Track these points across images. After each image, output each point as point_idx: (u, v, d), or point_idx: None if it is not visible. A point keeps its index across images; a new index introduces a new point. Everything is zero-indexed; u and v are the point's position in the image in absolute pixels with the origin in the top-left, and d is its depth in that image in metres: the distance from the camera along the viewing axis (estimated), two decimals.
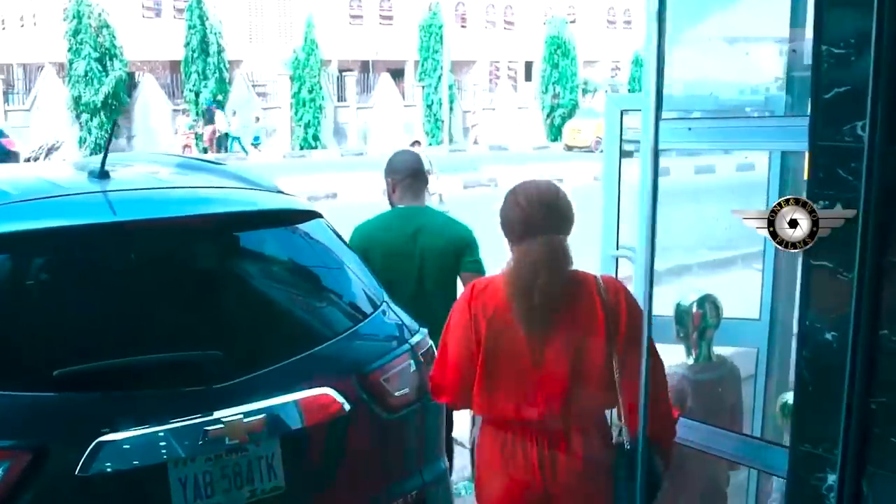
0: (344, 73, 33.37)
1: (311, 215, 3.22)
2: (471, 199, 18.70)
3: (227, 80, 29.08)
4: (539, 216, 2.65)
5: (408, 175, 3.88)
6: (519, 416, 2.64)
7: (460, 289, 3.73)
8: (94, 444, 2.37)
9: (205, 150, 27.28)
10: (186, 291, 2.83)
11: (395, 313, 3.22)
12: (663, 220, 2.65)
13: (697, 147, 3.07)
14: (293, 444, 2.70)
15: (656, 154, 3.06)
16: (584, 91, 37.10)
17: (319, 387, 2.77)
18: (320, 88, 30.54)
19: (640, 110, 3.29)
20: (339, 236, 3.31)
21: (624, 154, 3.68)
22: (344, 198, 17.86)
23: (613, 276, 3.25)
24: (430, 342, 3.30)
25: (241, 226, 3.05)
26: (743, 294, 3.98)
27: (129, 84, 27.44)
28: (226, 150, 27.50)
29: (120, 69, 26.34)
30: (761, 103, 3.88)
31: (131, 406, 2.49)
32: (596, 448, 2.67)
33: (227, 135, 28.03)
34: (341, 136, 31.92)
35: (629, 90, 34.07)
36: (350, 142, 32.03)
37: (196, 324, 2.73)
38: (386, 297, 3.27)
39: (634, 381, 2.55)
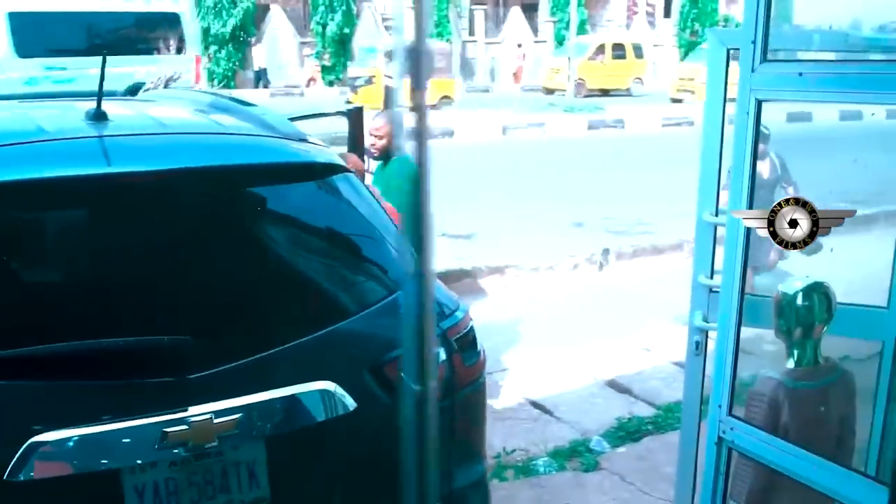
0: (474, 8, 32.57)
1: (336, 169, 2.72)
2: (596, 140, 17.95)
3: (354, 13, 28.73)
4: None
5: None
6: None
7: None
8: (27, 444, 1.98)
9: (330, 84, 27.12)
10: (172, 260, 2.37)
11: None
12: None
13: (809, 100, 2.39)
14: (282, 449, 2.26)
15: (759, 106, 2.43)
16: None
17: (320, 379, 2.31)
18: (447, 22, 29.89)
19: None
20: (370, 195, 2.81)
21: None
22: (461, 137, 17.26)
23: (711, 244, 3.18)
24: (471, 323, 2.77)
25: (249, 180, 2.58)
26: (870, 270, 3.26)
27: (256, 16, 27.40)
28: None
29: (248, 0, 26.25)
30: None
31: (76, 400, 2.07)
32: None
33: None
34: (468, 71, 31.24)
35: None
36: (478, 78, 31.34)
37: (176, 300, 2.27)
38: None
39: None
